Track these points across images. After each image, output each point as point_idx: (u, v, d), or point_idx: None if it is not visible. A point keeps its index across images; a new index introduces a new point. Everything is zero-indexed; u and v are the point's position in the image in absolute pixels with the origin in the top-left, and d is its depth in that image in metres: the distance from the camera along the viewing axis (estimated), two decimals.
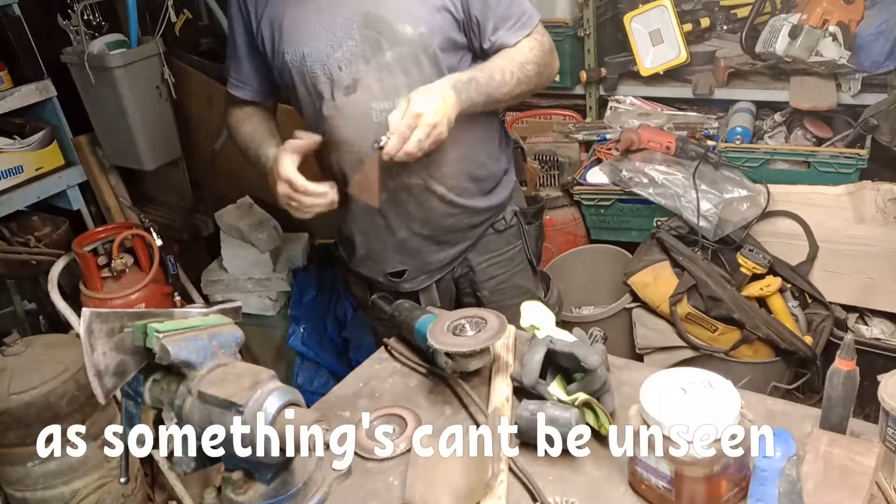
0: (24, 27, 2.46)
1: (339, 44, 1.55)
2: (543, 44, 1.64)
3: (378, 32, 1.54)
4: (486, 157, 1.74)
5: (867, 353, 2.24)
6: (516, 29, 1.60)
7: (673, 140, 2.53)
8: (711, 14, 2.99)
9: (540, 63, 1.62)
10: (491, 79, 1.54)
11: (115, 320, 1.02)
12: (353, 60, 1.56)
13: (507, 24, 1.59)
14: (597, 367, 1.18)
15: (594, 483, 1.14)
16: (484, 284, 1.83)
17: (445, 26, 1.56)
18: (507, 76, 1.56)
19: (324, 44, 1.56)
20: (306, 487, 1.11)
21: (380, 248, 1.75)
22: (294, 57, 1.59)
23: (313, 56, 1.57)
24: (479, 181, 1.72)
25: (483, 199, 1.74)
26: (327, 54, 1.56)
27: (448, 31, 1.57)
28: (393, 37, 1.54)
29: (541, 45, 1.63)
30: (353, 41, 1.55)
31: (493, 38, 1.59)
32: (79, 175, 2.66)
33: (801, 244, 2.43)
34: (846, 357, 1.05)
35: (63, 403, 1.81)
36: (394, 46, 1.55)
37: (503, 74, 1.56)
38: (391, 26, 1.54)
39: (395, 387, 1.43)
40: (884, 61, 2.43)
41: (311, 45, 1.57)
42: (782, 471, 0.98)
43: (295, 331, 2.60)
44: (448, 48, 1.58)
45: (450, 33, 1.58)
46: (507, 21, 1.59)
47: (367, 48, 1.55)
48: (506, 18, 1.59)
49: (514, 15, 1.59)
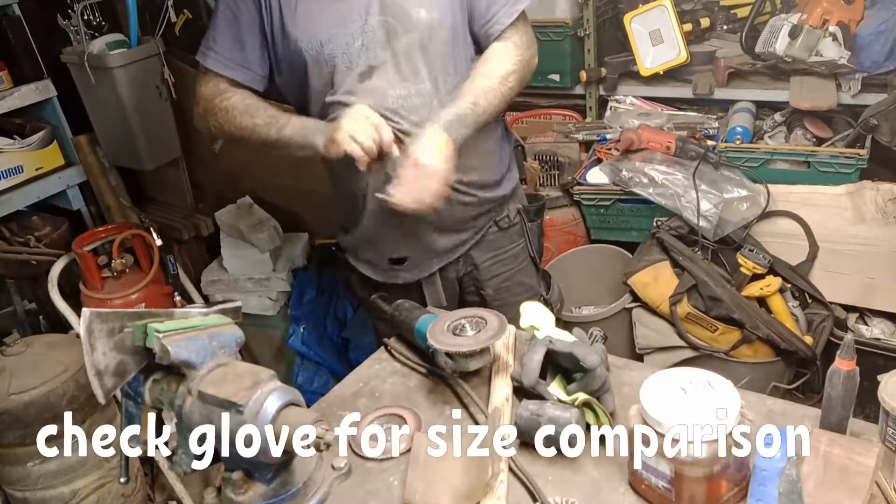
0: (24, 27, 2.46)
1: (360, 31, 1.55)
2: (521, 45, 1.64)
3: (394, 17, 1.55)
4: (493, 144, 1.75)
5: (867, 353, 2.24)
6: (511, 5, 1.60)
7: (673, 140, 2.53)
8: (711, 14, 3.00)
9: (521, 71, 1.62)
10: (476, 106, 1.55)
11: (115, 320, 1.02)
12: (370, 47, 1.56)
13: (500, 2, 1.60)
14: (596, 367, 1.18)
15: (594, 483, 1.14)
16: (488, 282, 1.83)
17: (455, 11, 1.58)
18: (492, 97, 1.57)
19: (343, 32, 1.56)
20: (306, 487, 1.11)
21: (382, 232, 1.74)
22: (310, 45, 1.57)
23: (332, 44, 1.56)
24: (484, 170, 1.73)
25: (488, 190, 1.75)
26: (347, 42, 1.56)
27: (457, 16, 1.59)
28: (408, 21, 1.55)
29: (518, 47, 1.63)
30: (370, 27, 1.55)
31: (487, 18, 1.60)
32: (79, 175, 2.66)
33: (801, 244, 2.43)
34: (846, 357, 1.05)
35: (63, 403, 1.80)
36: (408, 32, 1.55)
37: (487, 98, 1.56)
38: (406, 11, 1.55)
39: (395, 387, 1.43)
40: (884, 61, 2.44)
41: (330, 33, 1.56)
42: (782, 471, 0.98)
43: (295, 331, 2.60)
44: (458, 34, 1.60)
45: (457, 20, 1.59)
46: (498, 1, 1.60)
47: (383, 34, 1.56)
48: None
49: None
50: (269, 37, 1.64)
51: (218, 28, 1.64)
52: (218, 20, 1.65)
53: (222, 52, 1.64)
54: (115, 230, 2.47)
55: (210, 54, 1.65)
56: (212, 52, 1.65)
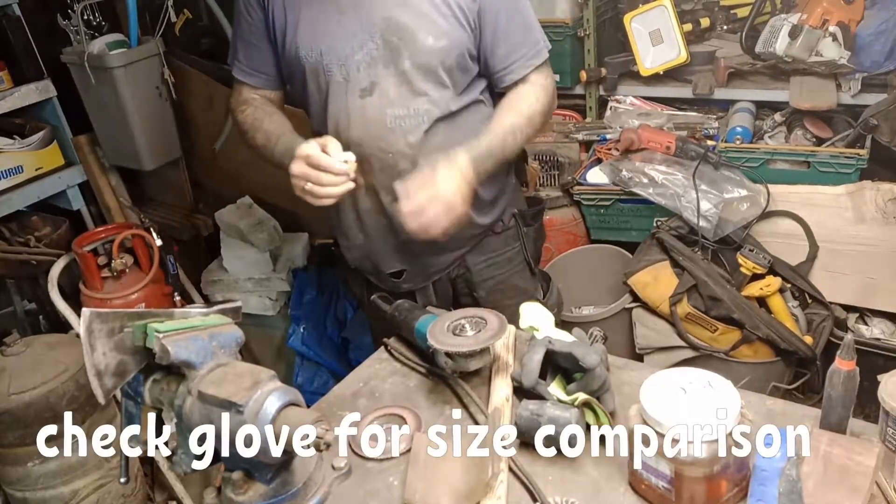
0: (24, 27, 2.46)
1: (360, 45, 1.54)
2: (548, 88, 1.64)
3: (400, 39, 1.53)
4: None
5: (867, 353, 2.24)
6: (528, 58, 1.60)
7: (673, 140, 2.53)
8: (711, 14, 2.99)
9: (545, 112, 1.64)
10: (504, 144, 1.56)
11: (115, 320, 1.02)
12: (372, 63, 1.55)
13: (520, 53, 1.59)
14: (595, 367, 1.18)
15: (594, 483, 1.14)
16: (481, 285, 1.82)
17: (464, 41, 1.56)
18: (518, 135, 1.58)
19: (343, 44, 1.55)
20: (306, 487, 1.11)
21: (381, 248, 1.74)
22: (309, 53, 1.57)
23: (331, 55, 1.56)
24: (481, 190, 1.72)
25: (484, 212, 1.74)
26: (346, 55, 1.55)
27: (465, 48, 1.57)
28: (414, 46, 1.53)
29: (545, 90, 1.63)
30: (374, 44, 1.54)
31: (504, 65, 1.60)
32: (79, 175, 2.66)
33: (801, 244, 2.43)
34: (846, 357, 1.05)
35: (63, 403, 1.80)
36: (414, 56, 1.54)
37: (514, 136, 1.57)
38: (413, 35, 1.53)
39: (395, 387, 1.43)
40: (884, 61, 2.43)
41: (330, 44, 1.55)
42: (782, 471, 0.98)
43: (295, 331, 2.60)
44: (465, 66, 1.59)
45: (467, 50, 1.58)
46: (518, 49, 1.59)
47: (387, 53, 1.54)
48: (518, 47, 1.59)
49: (528, 44, 1.60)
50: (275, 43, 1.65)
51: (237, 37, 1.70)
52: (235, 29, 1.71)
53: (241, 59, 1.70)
54: (114, 230, 2.47)
55: (235, 63, 1.72)
56: (235, 62, 1.72)
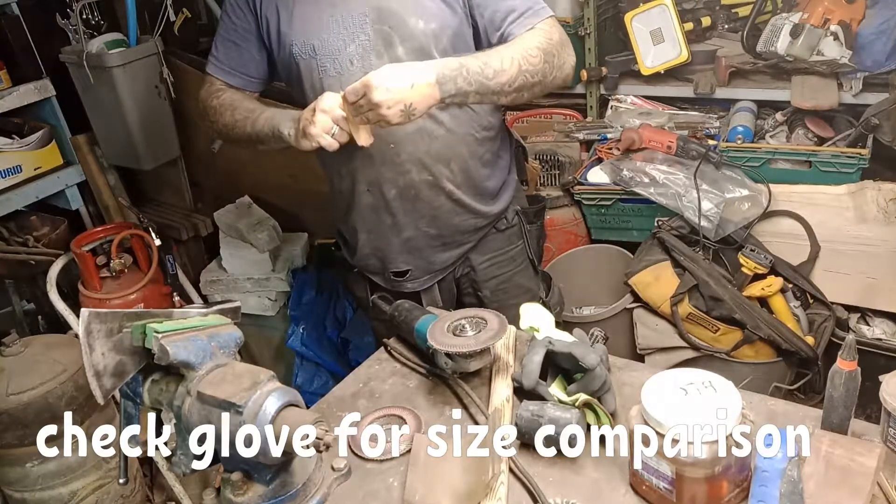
0: (22, 26, 2.46)
1: (352, 38, 1.55)
2: (551, 35, 1.53)
3: (390, 27, 1.54)
4: (491, 155, 1.73)
5: (869, 353, 2.24)
6: (526, 17, 1.53)
7: (674, 139, 2.53)
8: (712, 13, 2.99)
9: (546, 51, 1.50)
10: (486, 66, 1.42)
11: (113, 320, 1.02)
12: (365, 55, 1.55)
13: (515, 14, 1.54)
14: (595, 367, 1.18)
15: (595, 484, 1.13)
16: (485, 284, 1.83)
17: (455, 23, 1.56)
18: (507, 63, 1.44)
19: (336, 38, 1.55)
20: (306, 488, 1.10)
21: (385, 246, 1.74)
22: (302, 49, 1.58)
23: (324, 50, 1.56)
24: (485, 179, 1.72)
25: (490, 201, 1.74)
26: (338, 48, 1.56)
27: (458, 28, 1.57)
28: (405, 31, 1.54)
29: (547, 35, 1.52)
30: (365, 35, 1.54)
31: (500, 31, 1.55)
32: (77, 175, 2.66)
33: (802, 244, 2.43)
34: (848, 357, 1.05)
35: (62, 404, 1.80)
36: (405, 41, 1.54)
37: (501, 61, 1.44)
38: (403, 20, 1.53)
39: (395, 387, 1.43)
40: (885, 60, 2.43)
41: (322, 39, 1.56)
42: (784, 471, 0.98)
43: (294, 331, 2.60)
44: (459, 46, 1.57)
45: (460, 30, 1.57)
46: (513, 12, 1.54)
47: (379, 43, 1.55)
48: (512, 9, 1.54)
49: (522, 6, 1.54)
50: (268, 43, 1.65)
51: (219, 36, 1.72)
52: (219, 28, 1.72)
53: (221, 58, 1.72)
54: (113, 230, 2.47)
55: (212, 60, 1.73)
56: (213, 59, 1.73)
